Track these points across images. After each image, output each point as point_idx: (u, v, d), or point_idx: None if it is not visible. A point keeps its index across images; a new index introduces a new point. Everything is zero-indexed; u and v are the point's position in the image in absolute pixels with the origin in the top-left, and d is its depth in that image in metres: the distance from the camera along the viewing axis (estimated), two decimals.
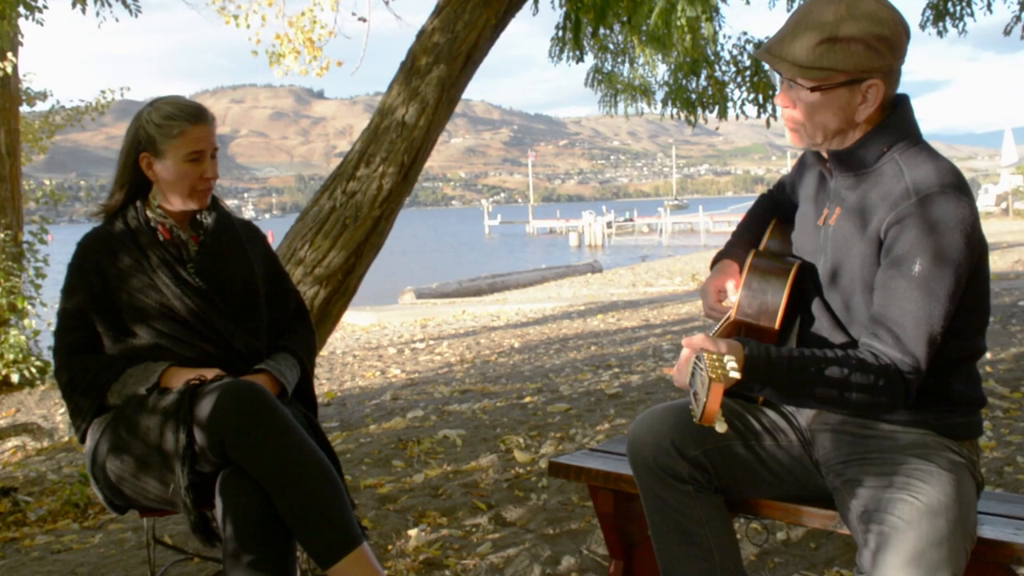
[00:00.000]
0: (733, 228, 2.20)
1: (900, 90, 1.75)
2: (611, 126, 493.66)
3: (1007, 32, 6.54)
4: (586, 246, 44.02)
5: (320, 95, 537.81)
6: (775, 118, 7.68)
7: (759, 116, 7.73)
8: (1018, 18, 6.43)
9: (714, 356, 1.48)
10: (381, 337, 11.34)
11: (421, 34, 5.21)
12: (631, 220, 57.19)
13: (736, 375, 1.45)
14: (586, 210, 53.90)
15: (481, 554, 2.91)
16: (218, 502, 2.00)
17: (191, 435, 2.02)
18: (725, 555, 1.80)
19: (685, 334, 9.47)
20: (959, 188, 1.64)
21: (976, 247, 1.63)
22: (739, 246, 2.08)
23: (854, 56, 1.65)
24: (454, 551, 2.96)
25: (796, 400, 1.65)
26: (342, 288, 5.32)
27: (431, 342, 10.29)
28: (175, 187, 2.29)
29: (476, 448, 4.28)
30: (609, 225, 49.74)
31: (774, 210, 2.13)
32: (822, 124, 1.72)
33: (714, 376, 1.43)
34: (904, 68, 1.77)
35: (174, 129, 2.25)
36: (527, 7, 5.39)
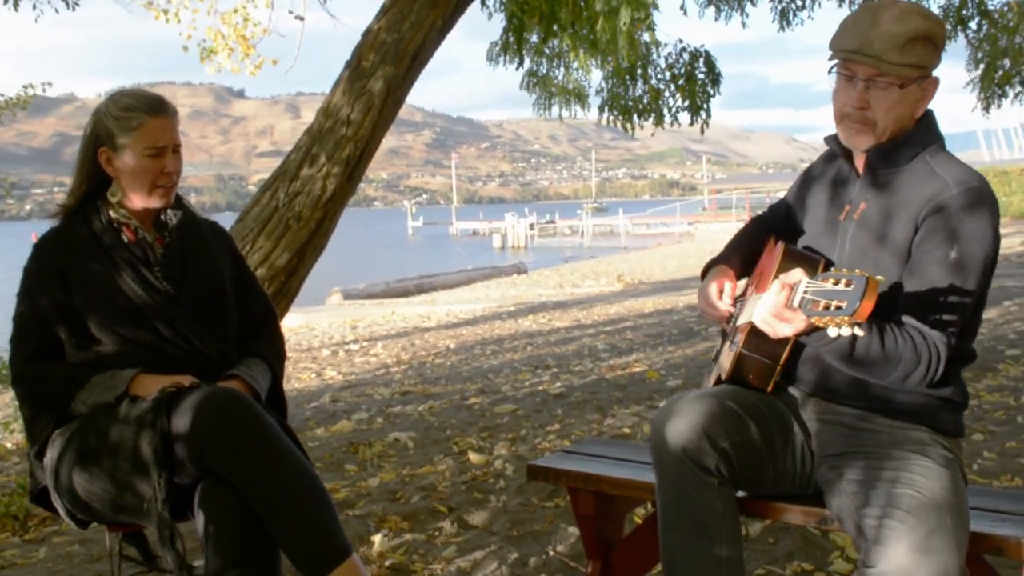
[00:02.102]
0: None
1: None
2: (532, 130, 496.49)
3: None
4: (510, 247, 44.19)
5: (240, 94, 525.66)
6: (708, 125, 7.84)
7: (692, 124, 7.89)
8: None
9: (843, 270, 1.56)
10: (312, 339, 11.18)
11: (367, 34, 5.16)
12: (553, 222, 57.67)
13: (882, 279, 1.53)
14: (509, 212, 54.13)
15: (447, 558, 2.90)
16: (198, 515, 1.93)
17: (168, 445, 1.95)
18: (731, 551, 1.83)
19: (617, 334, 9.61)
20: (989, 189, 1.77)
21: (997, 244, 1.76)
22: (735, 256, 2.16)
23: (930, 54, 1.78)
24: (420, 556, 2.94)
25: (851, 356, 1.71)
26: (284, 289, 5.21)
27: (365, 343, 10.19)
28: (135, 183, 2.19)
29: (429, 451, 4.26)
30: (532, 227, 50.06)
31: (767, 231, 2.20)
32: (895, 119, 1.82)
33: (869, 276, 1.52)
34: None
35: (132, 121, 2.16)
36: (476, 10, 5.39)
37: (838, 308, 1.52)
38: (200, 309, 2.26)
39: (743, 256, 2.14)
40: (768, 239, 2.16)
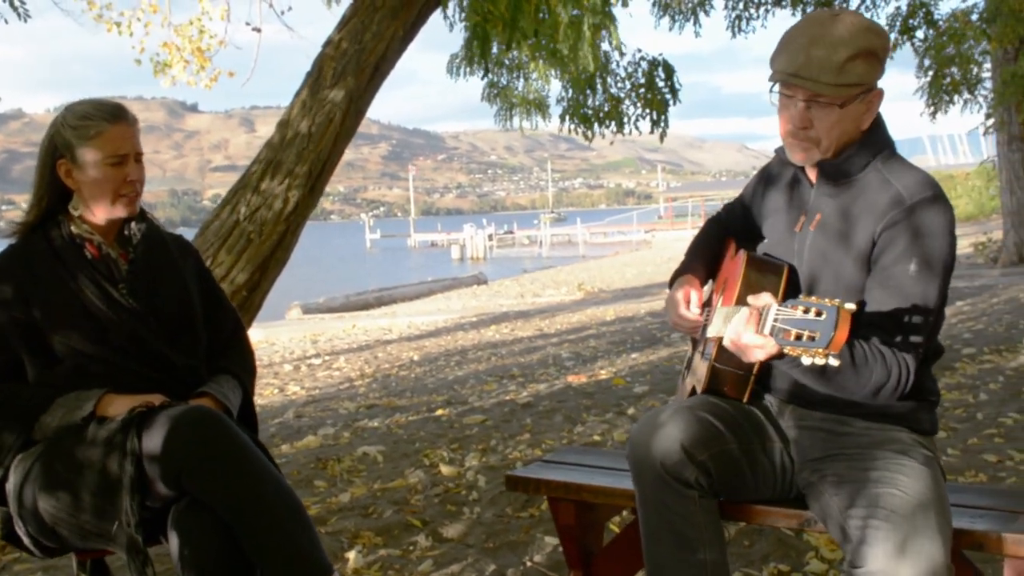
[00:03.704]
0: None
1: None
2: (488, 141, 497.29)
3: None
4: (468, 258, 44.12)
5: (194, 108, 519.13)
6: (666, 133, 7.91)
7: (652, 131, 7.96)
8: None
9: (812, 298, 1.54)
10: (272, 354, 11.02)
11: (328, 44, 5.12)
12: (511, 233, 57.80)
13: (852, 307, 1.51)
14: (467, 223, 54.14)
15: (424, 572, 2.86)
16: (172, 538, 1.87)
17: (140, 466, 1.90)
18: (717, 561, 1.82)
19: (581, 342, 9.62)
20: (942, 194, 1.77)
21: (954, 246, 1.76)
22: (698, 262, 2.15)
23: (871, 69, 1.76)
24: (395, 571, 2.90)
25: (822, 376, 1.71)
26: (247, 305, 5.15)
27: (327, 357, 10.08)
28: (98, 194, 2.13)
29: (399, 464, 4.22)
30: (490, 238, 50.09)
31: (724, 232, 2.21)
32: (838, 136, 1.80)
33: (837, 305, 1.50)
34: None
35: (91, 130, 2.10)
36: (431, 21, 5.38)
37: (811, 339, 1.51)
38: (168, 326, 2.20)
39: (705, 261, 2.15)
40: (727, 241, 2.16)
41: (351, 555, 2.97)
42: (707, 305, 2.10)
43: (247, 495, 1.86)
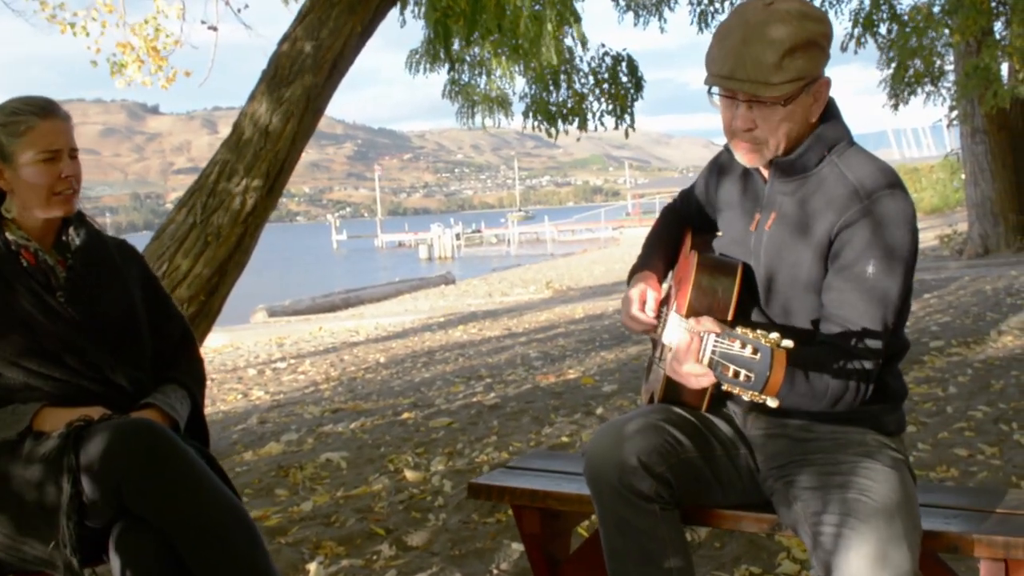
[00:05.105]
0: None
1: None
2: (455, 139, 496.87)
3: (843, 48, 6.99)
4: (436, 258, 43.98)
5: (155, 110, 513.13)
6: (633, 128, 7.87)
7: (617, 127, 7.91)
8: (851, 35, 6.88)
9: (748, 331, 1.45)
10: (237, 358, 10.83)
11: (284, 41, 5.00)
12: (479, 232, 57.78)
13: (790, 344, 1.42)
14: (434, 223, 54.04)
15: None
16: (113, 559, 1.78)
17: (78, 485, 1.79)
18: (682, 570, 1.75)
19: (549, 341, 9.56)
20: (900, 186, 1.68)
21: (916, 240, 1.68)
22: (656, 256, 2.06)
23: (813, 59, 1.65)
24: None
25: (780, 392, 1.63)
26: (205, 309, 5.02)
27: (292, 361, 9.92)
28: (32, 194, 2.03)
29: (363, 470, 4.12)
30: (458, 237, 50.00)
31: (681, 221, 2.12)
32: (786, 134, 1.70)
33: (772, 344, 1.41)
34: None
35: (21, 126, 2.00)
36: (394, 17, 5.28)
37: (747, 379, 1.43)
38: (110, 335, 2.09)
39: (664, 253, 2.06)
40: (685, 230, 2.08)
41: (312, 566, 2.87)
42: (665, 303, 2.02)
43: (191, 511, 1.77)
